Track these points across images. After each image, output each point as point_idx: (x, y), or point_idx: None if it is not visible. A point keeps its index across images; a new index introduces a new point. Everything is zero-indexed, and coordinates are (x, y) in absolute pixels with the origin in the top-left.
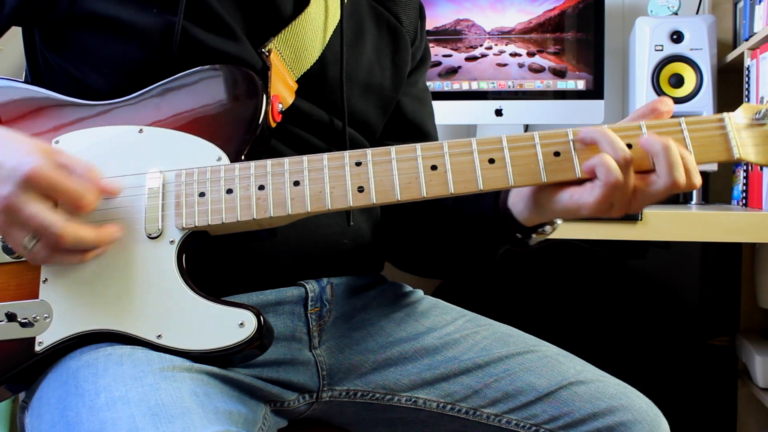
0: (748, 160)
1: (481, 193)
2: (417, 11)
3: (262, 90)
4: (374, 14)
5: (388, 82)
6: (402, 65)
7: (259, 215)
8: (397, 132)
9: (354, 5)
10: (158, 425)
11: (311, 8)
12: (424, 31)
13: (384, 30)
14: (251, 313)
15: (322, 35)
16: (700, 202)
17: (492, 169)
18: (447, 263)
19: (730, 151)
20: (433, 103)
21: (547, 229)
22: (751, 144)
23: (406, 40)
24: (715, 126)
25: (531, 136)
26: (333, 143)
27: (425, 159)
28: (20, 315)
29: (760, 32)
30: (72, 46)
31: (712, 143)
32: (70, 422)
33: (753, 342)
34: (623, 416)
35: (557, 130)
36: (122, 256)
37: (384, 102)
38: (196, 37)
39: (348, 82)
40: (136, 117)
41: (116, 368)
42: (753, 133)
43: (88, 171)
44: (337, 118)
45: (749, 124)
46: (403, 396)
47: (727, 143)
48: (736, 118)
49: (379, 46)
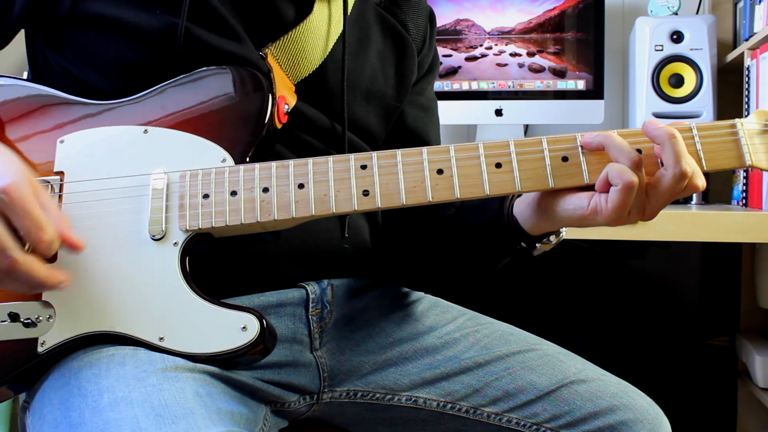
0: (760, 167)
1: (485, 203)
2: (426, 18)
3: (268, 90)
4: (380, 21)
5: (391, 91)
6: (407, 74)
7: (263, 218)
8: (397, 141)
9: (361, 12)
10: (162, 426)
11: (314, 16)
12: (434, 39)
13: (389, 38)
14: (254, 316)
15: (323, 43)
16: (700, 202)
17: (499, 174)
18: (445, 274)
19: (741, 158)
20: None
21: (552, 239)
22: (764, 151)
23: (412, 48)
24: (727, 132)
25: (539, 140)
26: (335, 148)
27: (431, 163)
28: (23, 315)
29: (760, 32)
30: (74, 46)
31: (724, 149)
32: (73, 423)
33: (753, 342)
34: (624, 415)
35: (565, 135)
36: (125, 258)
37: (386, 110)
38: (200, 37)
39: (350, 90)
40: (141, 117)
41: (119, 369)
42: (766, 140)
43: (60, 217)
44: (338, 124)
45: (762, 130)
46: (403, 395)
47: (738, 150)
48: (749, 124)
49: (384, 53)
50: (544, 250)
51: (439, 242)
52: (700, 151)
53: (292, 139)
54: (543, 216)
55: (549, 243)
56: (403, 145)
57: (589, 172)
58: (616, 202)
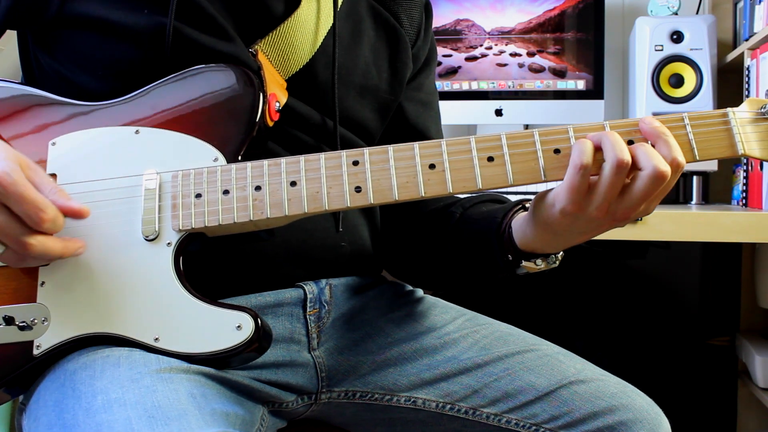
0: (752, 155)
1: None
2: (420, 11)
3: (259, 88)
4: (373, 14)
5: (385, 85)
6: (401, 67)
7: (255, 216)
8: (398, 136)
9: (353, 5)
10: (154, 427)
11: (301, 10)
12: (430, 32)
13: (382, 31)
14: (248, 315)
15: (312, 37)
16: (700, 202)
17: (491, 167)
18: (445, 278)
19: (734, 147)
20: None
21: (539, 262)
22: (756, 139)
23: (405, 41)
24: (719, 121)
25: (531, 133)
26: (328, 144)
27: (423, 158)
28: (18, 318)
29: (760, 32)
30: (63, 48)
31: (716, 139)
32: (66, 424)
33: (753, 342)
34: (623, 415)
35: (557, 127)
36: (119, 259)
37: (381, 104)
38: (189, 36)
39: (343, 84)
40: (132, 117)
41: (113, 370)
42: (758, 128)
43: (57, 191)
44: (331, 119)
45: (754, 118)
46: (402, 396)
47: (731, 139)
48: (741, 112)
49: (377, 47)
50: (528, 270)
51: (435, 241)
52: (692, 141)
53: (284, 135)
54: (535, 218)
55: (535, 265)
56: (403, 139)
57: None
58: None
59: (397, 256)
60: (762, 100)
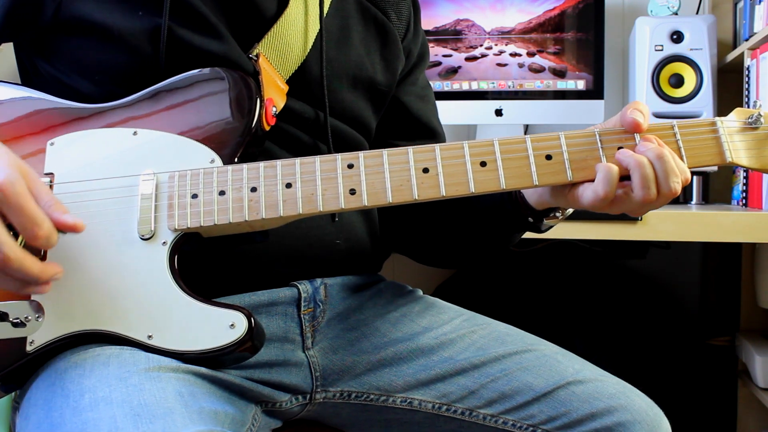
0: (739, 164)
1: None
2: (408, 6)
3: (257, 93)
4: (360, 10)
5: (380, 77)
6: (392, 59)
7: (250, 217)
8: (405, 132)
9: (340, 2)
10: (139, 425)
11: (290, 9)
12: (419, 26)
13: (371, 25)
14: (242, 314)
15: (303, 35)
16: (700, 202)
17: (484, 172)
18: (462, 252)
19: (722, 155)
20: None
21: (558, 214)
22: (743, 148)
23: (394, 34)
24: (708, 130)
25: (523, 139)
26: (323, 140)
27: (417, 162)
28: (12, 315)
29: (760, 32)
30: (60, 53)
31: (705, 147)
32: (54, 423)
33: (753, 342)
34: (622, 416)
35: (550, 134)
36: (115, 257)
37: (375, 95)
38: (183, 38)
39: (336, 79)
40: (131, 119)
41: (102, 369)
42: (745, 137)
43: (53, 204)
44: (323, 113)
45: (742, 128)
46: (398, 397)
47: (719, 147)
48: (729, 122)
49: (367, 40)
50: (551, 225)
51: (451, 223)
52: (681, 149)
53: (279, 134)
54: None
55: (555, 218)
56: (410, 135)
57: (572, 170)
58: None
59: (412, 239)
60: (749, 111)
